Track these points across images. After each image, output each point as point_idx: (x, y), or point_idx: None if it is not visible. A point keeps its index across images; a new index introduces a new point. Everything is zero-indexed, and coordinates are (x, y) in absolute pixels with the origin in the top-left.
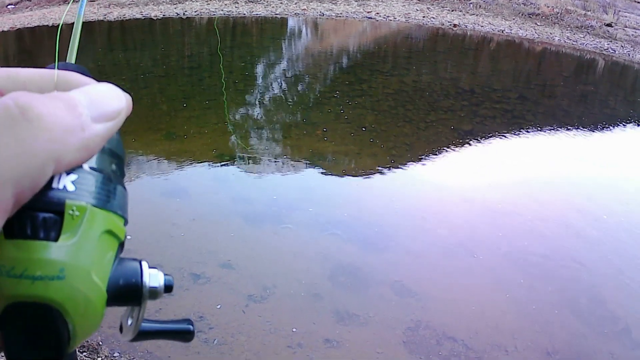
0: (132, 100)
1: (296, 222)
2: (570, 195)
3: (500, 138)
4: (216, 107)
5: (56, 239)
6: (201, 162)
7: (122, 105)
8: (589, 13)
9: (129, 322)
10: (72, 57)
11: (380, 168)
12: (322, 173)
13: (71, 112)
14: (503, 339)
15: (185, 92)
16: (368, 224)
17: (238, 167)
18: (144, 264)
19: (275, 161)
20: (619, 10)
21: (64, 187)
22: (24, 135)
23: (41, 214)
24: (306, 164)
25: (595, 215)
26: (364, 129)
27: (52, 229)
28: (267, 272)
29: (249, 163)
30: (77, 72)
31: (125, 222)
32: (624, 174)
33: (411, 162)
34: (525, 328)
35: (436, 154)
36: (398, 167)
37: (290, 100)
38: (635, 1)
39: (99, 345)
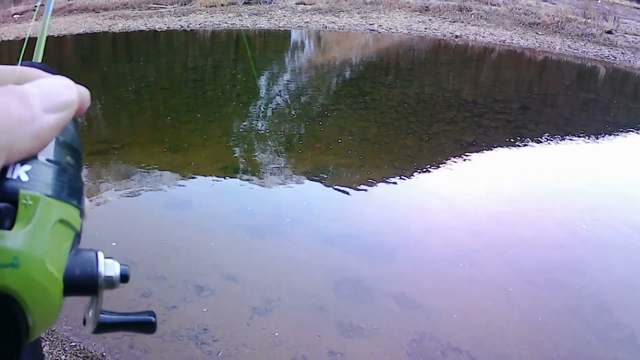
0: (135, 109)
1: (299, 234)
2: (574, 203)
3: (503, 149)
4: (220, 120)
5: (10, 228)
6: (205, 175)
7: (73, 96)
8: (589, 21)
9: (90, 313)
10: (38, 57)
11: (383, 180)
12: (325, 185)
13: (23, 104)
14: (508, 349)
15: (189, 104)
16: (371, 235)
17: (242, 180)
18: (100, 254)
19: (279, 174)
20: (619, 17)
21: (18, 177)
22: None
23: None
24: (309, 176)
25: (599, 223)
26: (366, 141)
27: (6, 218)
28: (271, 284)
29: (252, 176)
30: (41, 69)
31: (82, 214)
32: (629, 181)
33: (414, 174)
34: (529, 337)
35: (439, 166)
36: (401, 179)
37: (293, 113)
38: (635, 7)
39: (103, 356)
